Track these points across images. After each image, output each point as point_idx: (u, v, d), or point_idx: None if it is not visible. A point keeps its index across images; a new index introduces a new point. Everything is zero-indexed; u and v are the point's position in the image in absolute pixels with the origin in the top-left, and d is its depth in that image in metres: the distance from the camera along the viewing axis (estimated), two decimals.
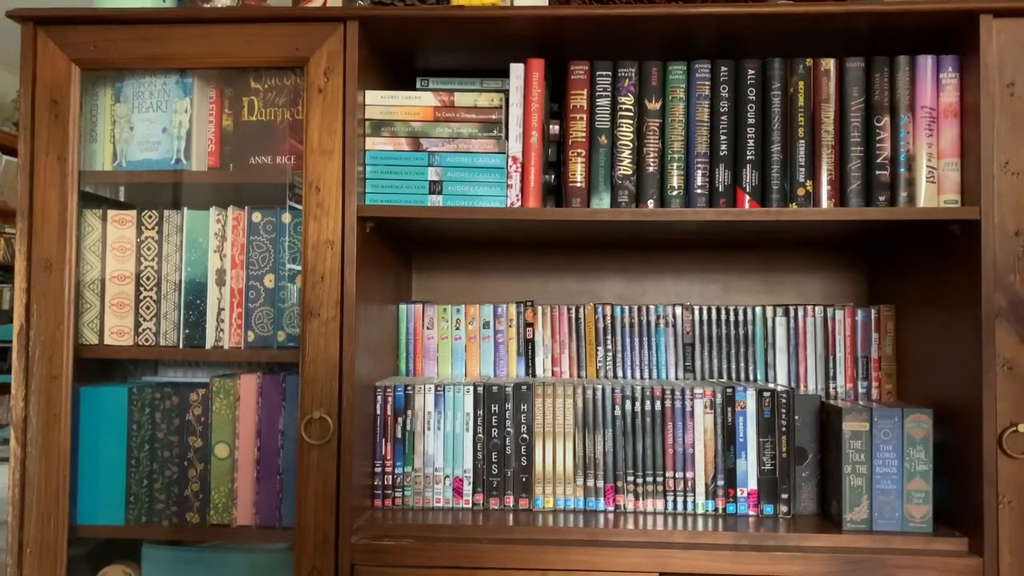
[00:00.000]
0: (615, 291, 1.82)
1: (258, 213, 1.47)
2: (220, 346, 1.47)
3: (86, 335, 1.48)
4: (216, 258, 1.48)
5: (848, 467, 1.38)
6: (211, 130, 1.50)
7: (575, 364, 1.67)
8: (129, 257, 1.50)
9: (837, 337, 1.61)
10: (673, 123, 1.43)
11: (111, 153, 1.51)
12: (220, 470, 1.46)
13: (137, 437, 1.47)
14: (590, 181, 1.44)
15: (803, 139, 1.41)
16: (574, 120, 1.44)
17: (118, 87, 1.51)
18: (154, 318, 1.49)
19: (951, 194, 1.37)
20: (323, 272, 1.36)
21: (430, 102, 1.43)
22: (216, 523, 1.46)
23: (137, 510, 1.47)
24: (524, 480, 1.49)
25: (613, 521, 1.42)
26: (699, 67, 1.43)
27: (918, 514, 1.37)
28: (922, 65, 1.39)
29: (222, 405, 1.47)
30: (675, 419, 1.48)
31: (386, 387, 1.51)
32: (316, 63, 1.37)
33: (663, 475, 1.48)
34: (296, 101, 1.47)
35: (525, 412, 1.50)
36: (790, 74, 1.42)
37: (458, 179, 1.42)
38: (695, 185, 1.42)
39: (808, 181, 1.41)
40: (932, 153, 1.38)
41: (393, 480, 1.50)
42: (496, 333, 1.68)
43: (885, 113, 1.40)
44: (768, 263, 1.79)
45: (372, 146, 1.42)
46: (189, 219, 1.49)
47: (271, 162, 1.48)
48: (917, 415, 1.37)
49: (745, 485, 1.46)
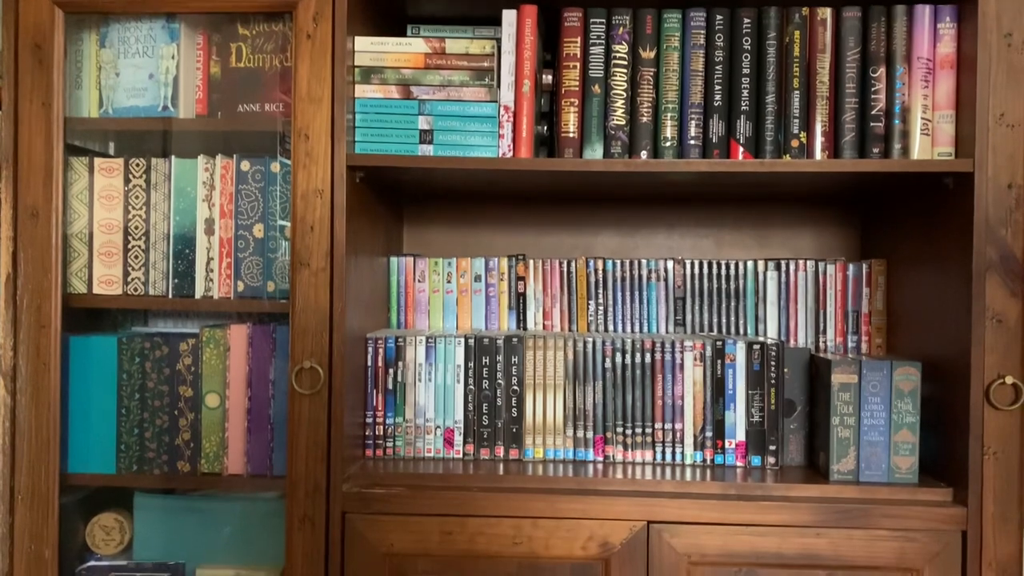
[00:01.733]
0: (608, 245, 1.81)
1: (247, 162, 1.46)
2: (209, 296, 1.47)
3: (74, 284, 1.47)
4: (205, 207, 1.46)
5: (836, 419, 1.39)
6: (198, 77, 1.48)
7: (566, 318, 1.67)
8: (117, 206, 1.48)
9: (828, 291, 1.61)
10: (667, 72, 1.41)
11: (97, 100, 1.48)
12: (211, 420, 1.47)
13: (127, 387, 1.47)
14: (583, 131, 1.42)
15: (798, 90, 1.39)
16: (567, 69, 1.42)
17: (103, 32, 1.48)
18: (143, 268, 1.48)
19: (945, 146, 1.37)
20: (312, 222, 1.35)
21: (421, 49, 1.41)
22: (207, 472, 1.47)
23: (128, 459, 1.47)
24: (514, 431, 1.50)
25: (602, 471, 1.43)
26: (694, 15, 1.41)
27: (904, 465, 1.38)
28: (919, 14, 1.37)
29: (212, 355, 1.47)
30: (664, 371, 1.48)
31: (377, 339, 1.51)
32: (305, 8, 1.35)
33: (652, 426, 1.48)
34: (285, 48, 1.45)
35: (516, 364, 1.50)
36: (786, 23, 1.40)
37: (449, 128, 1.40)
38: (689, 136, 1.41)
39: (802, 132, 1.40)
40: (927, 105, 1.37)
41: (384, 430, 1.51)
42: (487, 287, 1.67)
43: (881, 64, 1.39)
44: (761, 218, 1.79)
45: (362, 94, 1.40)
46: (177, 167, 1.47)
47: (260, 110, 1.46)
48: (905, 368, 1.38)
49: (733, 437, 1.47)
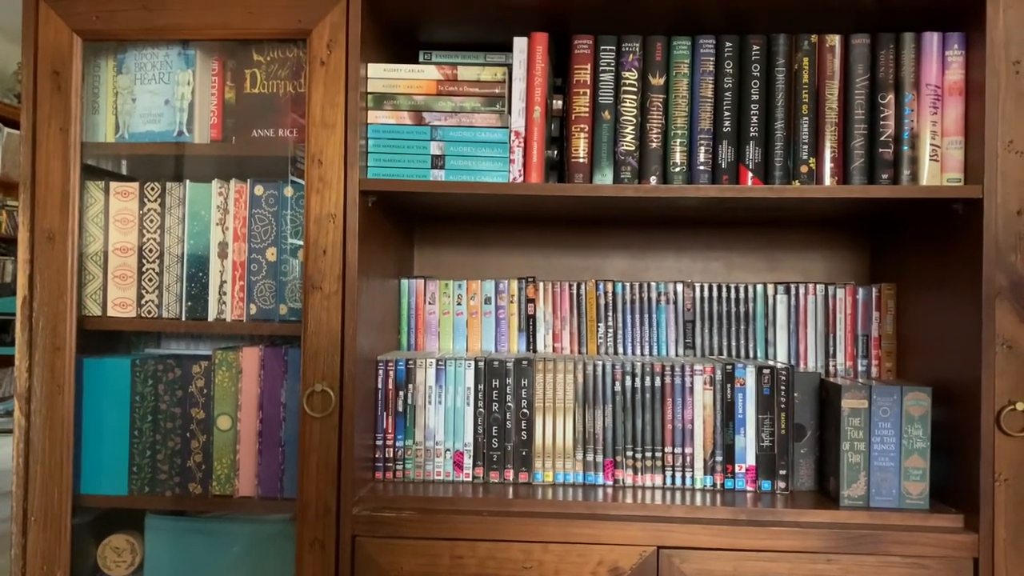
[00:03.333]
0: (618, 268, 1.82)
1: (260, 186, 1.47)
2: (222, 319, 1.48)
3: (89, 307, 1.49)
4: (218, 231, 1.48)
5: (846, 444, 1.39)
6: (213, 102, 1.50)
7: (576, 340, 1.68)
8: (132, 229, 1.50)
9: (838, 315, 1.62)
10: (677, 99, 1.43)
11: (113, 125, 1.50)
12: (222, 442, 1.48)
13: (140, 408, 1.48)
14: (593, 157, 1.44)
15: (807, 116, 1.40)
16: (577, 95, 1.44)
17: (120, 58, 1.50)
18: (156, 290, 1.49)
19: (954, 172, 1.37)
20: (325, 245, 1.36)
21: (433, 76, 1.43)
22: (218, 494, 1.47)
23: (140, 480, 1.48)
24: (524, 454, 1.50)
25: (612, 495, 1.43)
26: (703, 42, 1.42)
27: (915, 491, 1.38)
28: (928, 42, 1.38)
29: (224, 377, 1.48)
30: (675, 395, 1.49)
31: (387, 361, 1.51)
32: (319, 35, 1.37)
33: (662, 450, 1.48)
34: (299, 74, 1.47)
35: (526, 387, 1.50)
36: (795, 50, 1.41)
37: (461, 154, 1.42)
38: (698, 161, 1.42)
39: (811, 158, 1.40)
40: (936, 131, 1.38)
41: (394, 453, 1.51)
42: (498, 309, 1.68)
43: (889, 90, 1.39)
44: (770, 241, 1.79)
45: (374, 119, 1.42)
46: (191, 191, 1.49)
47: (273, 135, 1.48)
48: (916, 393, 1.38)
49: (743, 461, 1.47)
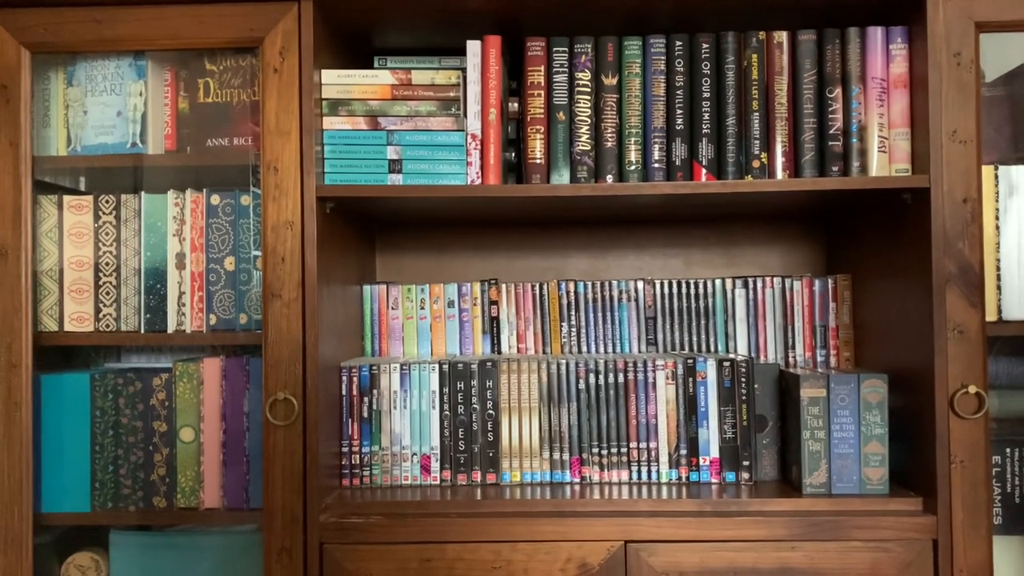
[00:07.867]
0: (579, 267, 1.84)
1: (216, 196, 1.46)
2: (182, 330, 1.47)
3: (45, 322, 1.47)
4: (175, 242, 1.47)
5: (807, 433, 1.41)
6: (167, 113, 1.49)
7: (540, 341, 1.69)
8: (87, 243, 1.48)
9: (795, 307, 1.64)
10: (630, 98, 1.44)
11: (65, 138, 1.49)
12: (186, 454, 1.46)
13: (101, 423, 1.47)
14: (549, 157, 1.45)
15: (757, 112, 1.43)
16: (532, 97, 1.45)
17: (70, 70, 1.49)
18: (114, 304, 1.48)
19: (902, 163, 1.40)
20: (283, 253, 1.36)
21: (387, 80, 1.43)
22: (183, 507, 1.46)
23: (103, 496, 1.46)
24: (491, 455, 1.51)
25: (579, 492, 1.44)
26: (654, 42, 1.44)
27: (875, 476, 1.40)
28: (872, 36, 1.41)
29: (186, 389, 1.47)
30: (638, 391, 1.50)
31: (351, 367, 1.51)
32: (271, 43, 1.37)
33: (627, 446, 1.50)
34: (252, 82, 1.46)
35: (491, 388, 1.51)
36: (744, 47, 1.43)
37: (418, 157, 1.42)
38: (652, 159, 1.44)
39: (763, 153, 1.43)
40: (883, 123, 1.41)
41: (360, 459, 1.51)
42: (461, 312, 1.69)
43: (837, 84, 1.42)
44: (728, 237, 1.82)
45: (330, 125, 1.42)
46: (147, 203, 1.48)
47: (228, 144, 1.47)
48: (872, 380, 1.41)
49: (707, 453, 1.49)
